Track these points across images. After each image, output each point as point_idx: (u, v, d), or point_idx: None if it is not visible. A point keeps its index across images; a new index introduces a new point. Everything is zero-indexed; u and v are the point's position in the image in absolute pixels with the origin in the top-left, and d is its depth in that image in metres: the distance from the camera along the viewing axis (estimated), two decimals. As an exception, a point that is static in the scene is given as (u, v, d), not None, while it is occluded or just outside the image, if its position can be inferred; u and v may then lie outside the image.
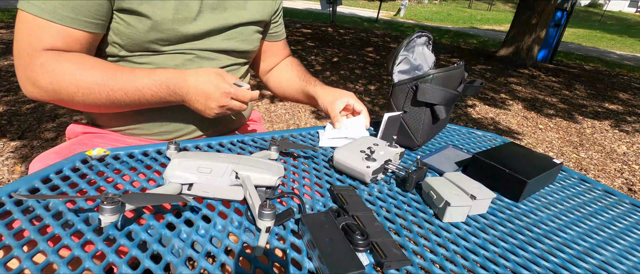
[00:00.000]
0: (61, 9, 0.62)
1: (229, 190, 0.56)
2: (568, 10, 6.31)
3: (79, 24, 0.64)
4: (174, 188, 0.53)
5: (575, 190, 0.81)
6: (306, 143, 0.83)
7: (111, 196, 0.44)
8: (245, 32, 0.84)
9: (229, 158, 0.59)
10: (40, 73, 0.63)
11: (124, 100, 0.68)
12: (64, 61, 0.64)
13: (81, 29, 0.65)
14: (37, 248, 0.42)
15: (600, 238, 0.63)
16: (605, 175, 2.54)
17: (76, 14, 0.63)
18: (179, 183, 0.54)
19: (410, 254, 0.50)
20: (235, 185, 0.56)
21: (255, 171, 0.56)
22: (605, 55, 9.37)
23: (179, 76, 0.69)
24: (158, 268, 0.42)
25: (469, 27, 13.75)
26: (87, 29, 0.66)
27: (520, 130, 3.24)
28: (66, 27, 0.63)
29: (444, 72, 0.82)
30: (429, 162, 0.80)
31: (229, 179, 0.56)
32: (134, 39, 0.70)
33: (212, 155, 0.60)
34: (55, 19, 0.62)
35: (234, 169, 0.56)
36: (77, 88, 0.65)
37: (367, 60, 5.41)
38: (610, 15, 27.71)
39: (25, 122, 2.23)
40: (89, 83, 0.65)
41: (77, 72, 0.64)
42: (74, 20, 0.63)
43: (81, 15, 0.64)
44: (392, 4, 21.06)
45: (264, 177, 0.56)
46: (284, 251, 0.48)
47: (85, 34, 0.66)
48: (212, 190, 0.55)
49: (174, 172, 0.54)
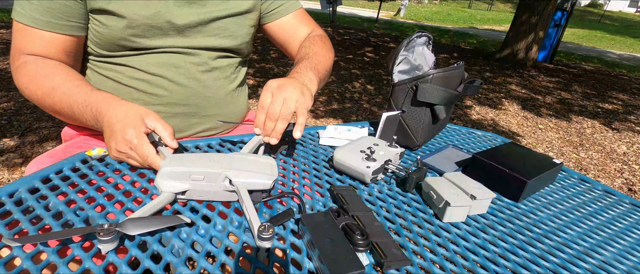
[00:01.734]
0: (36, 12, 0.63)
1: (223, 195, 0.55)
2: (568, 10, 6.30)
3: (54, 27, 0.65)
4: (168, 198, 0.52)
5: (575, 190, 0.81)
6: (306, 143, 0.83)
7: (107, 227, 0.43)
8: (230, 26, 0.79)
9: (221, 161, 0.57)
10: (16, 74, 0.67)
11: (64, 112, 0.67)
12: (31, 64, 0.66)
13: (56, 32, 0.66)
14: (37, 248, 0.42)
15: (600, 238, 0.63)
16: (605, 175, 2.54)
17: (50, 17, 0.64)
18: (172, 192, 0.52)
19: (410, 254, 0.50)
20: (229, 191, 0.55)
21: (249, 175, 0.54)
22: (605, 55, 9.37)
23: (106, 104, 0.62)
24: (158, 268, 0.42)
25: (468, 27, 13.75)
26: (63, 31, 0.66)
27: (520, 130, 3.24)
28: (42, 30, 0.65)
29: (443, 72, 0.82)
30: (429, 162, 0.80)
31: (223, 185, 0.54)
32: (111, 39, 0.69)
33: (203, 157, 0.58)
34: (32, 23, 0.64)
35: (227, 175, 0.54)
36: (30, 92, 0.67)
37: (367, 60, 5.41)
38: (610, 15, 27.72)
39: (25, 121, 2.23)
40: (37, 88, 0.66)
41: (36, 77, 0.66)
42: (48, 23, 0.65)
43: (54, 18, 0.64)
44: (392, 4, 21.06)
45: (258, 182, 0.54)
46: (284, 251, 0.48)
47: (63, 37, 0.67)
48: (206, 195, 0.54)
49: (166, 181, 0.52)
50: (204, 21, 0.75)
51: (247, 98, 0.95)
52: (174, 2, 0.71)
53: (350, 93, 3.68)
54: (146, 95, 0.75)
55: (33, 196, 0.51)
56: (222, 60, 0.81)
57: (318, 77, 0.76)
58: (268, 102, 0.62)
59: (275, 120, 0.61)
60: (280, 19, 0.90)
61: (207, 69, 0.79)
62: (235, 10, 0.79)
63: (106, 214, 0.50)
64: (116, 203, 0.52)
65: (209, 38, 0.77)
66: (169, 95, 0.76)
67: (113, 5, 0.66)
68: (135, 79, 0.74)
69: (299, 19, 0.92)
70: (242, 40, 0.83)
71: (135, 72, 0.74)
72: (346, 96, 3.59)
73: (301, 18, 0.93)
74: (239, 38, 0.82)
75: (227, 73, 0.83)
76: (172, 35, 0.73)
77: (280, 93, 0.62)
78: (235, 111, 0.89)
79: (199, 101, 0.80)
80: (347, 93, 3.69)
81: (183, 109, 0.79)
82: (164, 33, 0.72)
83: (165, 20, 0.71)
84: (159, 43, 0.72)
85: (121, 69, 0.73)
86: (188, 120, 0.81)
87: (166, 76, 0.75)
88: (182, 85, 0.77)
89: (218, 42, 0.79)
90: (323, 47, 0.87)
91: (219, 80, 0.82)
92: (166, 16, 0.71)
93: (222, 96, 0.83)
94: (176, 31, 0.73)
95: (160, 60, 0.74)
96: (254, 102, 3.07)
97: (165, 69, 0.75)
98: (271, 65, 4.47)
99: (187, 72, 0.77)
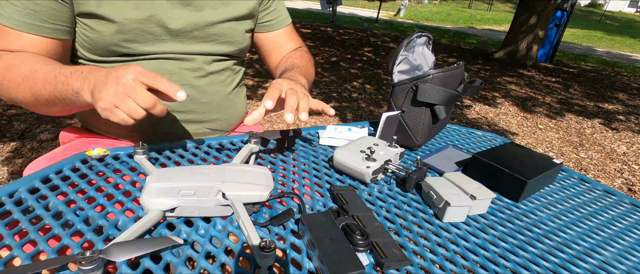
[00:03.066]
0: (18, 14, 0.60)
1: (216, 210, 0.51)
2: (568, 10, 6.31)
3: (36, 29, 0.62)
4: (156, 217, 0.47)
5: (575, 190, 0.81)
6: (306, 143, 0.83)
7: (89, 255, 0.38)
8: (227, 32, 0.77)
9: (212, 174, 0.52)
10: None
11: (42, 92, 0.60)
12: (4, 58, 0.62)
13: (38, 35, 0.63)
14: (37, 248, 0.42)
15: (600, 238, 0.63)
16: (605, 175, 2.54)
17: (32, 19, 0.61)
18: (161, 210, 0.48)
19: (410, 254, 0.50)
20: (223, 205, 0.51)
21: (243, 188, 0.51)
22: (605, 55, 9.38)
23: (94, 68, 0.56)
24: (158, 268, 0.42)
25: (468, 27, 13.76)
26: (46, 34, 0.63)
27: (520, 130, 3.24)
28: (23, 32, 0.62)
29: (443, 72, 0.82)
30: (429, 162, 0.80)
31: (215, 199, 0.50)
32: (101, 44, 0.67)
33: (192, 170, 0.53)
34: (12, 24, 0.61)
35: (220, 189, 0.50)
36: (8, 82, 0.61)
37: (366, 60, 5.41)
38: (610, 15, 27.72)
39: (25, 121, 2.23)
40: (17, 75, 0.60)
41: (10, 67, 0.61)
42: (31, 25, 0.61)
43: (37, 20, 0.62)
44: (392, 4, 21.06)
45: (252, 194, 0.51)
46: (284, 251, 0.48)
47: (46, 40, 0.64)
48: (198, 211, 0.50)
49: (152, 199, 0.48)
50: (199, 26, 0.73)
51: (246, 99, 0.95)
52: (168, 3, 0.68)
53: (349, 93, 3.68)
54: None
55: (33, 196, 0.51)
56: (218, 64, 0.80)
57: (308, 85, 0.79)
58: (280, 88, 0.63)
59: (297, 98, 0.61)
60: (272, 31, 0.91)
61: (202, 75, 0.77)
62: (232, 15, 0.77)
63: (106, 214, 0.49)
64: (116, 203, 0.52)
65: (204, 44, 0.75)
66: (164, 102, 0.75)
67: (103, 10, 0.63)
68: None
69: (287, 34, 0.94)
70: (239, 45, 0.81)
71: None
72: (346, 96, 3.59)
73: (290, 34, 0.95)
74: (236, 43, 0.80)
75: (223, 76, 0.82)
76: (166, 41, 0.71)
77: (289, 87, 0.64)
78: (234, 114, 0.88)
79: (196, 107, 0.78)
80: (347, 93, 3.69)
81: (179, 116, 0.78)
82: (157, 38, 0.69)
83: (159, 24, 0.68)
84: (152, 49, 0.70)
85: None
86: (185, 126, 0.80)
87: None
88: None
89: (214, 47, 0.77)
90: (309, 62, 0.91)
91: (215, 84, 0.80)
92: (159, 20, 0.68)
93: (219, 100, 0.82)
94: (170, 36, 0.70)
95: (153, 67, 0.71)
96: (253, 103, 3.07)
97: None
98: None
99: (182, 78, 0.74)
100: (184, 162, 0.67)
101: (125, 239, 0.43)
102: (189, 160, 0.67)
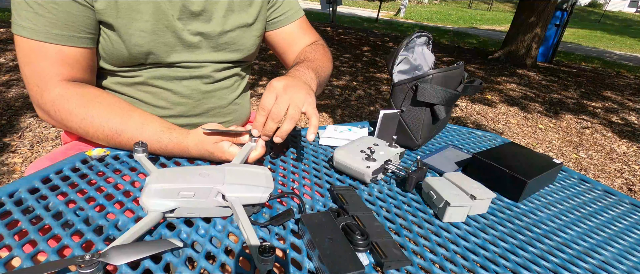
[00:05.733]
0: (52, 28, 0.58)
1: (216, 211, 0.51)
2: (568, 10, 6.30)
3: (74, 41, 0.61)
4: (155, 218, 0.47)
5: (575, 190, 0.81)
6: (306, 143, 0.83)
7: (88, 259, 0.38)
8: (237, 40, 0.77)
9: (212, 174, 0.52)
10: (51, 110, 0.62)
11: (129, 143, 0.64)
12: (73, 102, 0.62)
13: (76, 46, 0.62)
14: (37, 248, 0.42)
15: (600, 238, 0.63)
16: (605, 175, 2.54)
17: (69, 30, 0.60)
18: (160, 211, 0.48)
19: (410, 254, 0.50)
20: (223, 207, 0.51)
21: (243, 190, 0.51)
22: (605, 55, 9.37)
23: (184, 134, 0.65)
24: (158, 268, 0.42)
25: (468, 27, 13.76)
26: (82, 44, 0.62)
27: (520, 130, 3.24)
28: (61, 45, 0.60)
29: (443, 72, 0.82)
30: (429, 162, 0.80)
31: (215, 200, 0.50)
32: (117, 56, 0.67)
33: (192, 171, 0.53)
34: (49, 39, 0.59)
35: (220, 190, 0.50)
36: (86, 132, 0.64)
37: (366, 60, 5.41)
38: (610, 15, 27.71)
39: (25, 121, 2.23)
40: (97, 128, 0.63)
41: (88, 118, 0.63)
42: (69, 37, 0.60)
43: (74, 31, 0.60)
44: (392, 4, 21.06)
45: (252, 196, 0.51)
46: (284, 251, 0.48)
47: (82, 50, 0.63)
48: (198, 212, 0.51)
49: (152, 200, 0.48)
50: (209, 36, 0.73)
51: (250, 102, 0.95)
52: (179, 18, 0.68)
53: (349, 93, 3.68)
54: (148, 106, 0.74)
55: (33, 196, 0.51)
56: (226, 72, 0.80)
57: (318, 80, 0.75)
58: (270, 103, 0.60)
59: (278, 122, 0.60)
60: (282, 27, 0.88)
61: (210, 82, 0.78)
62: (241, 23, 0.77)
63: (106, 214, 0.50)
64: (116, 203, 0.52)
65: (216, 53, 0.76)
66: (171, 108, 0.76)
67: (120, 22, 0.63)
68: (139, 91, 0.73)
69: (300, 29, 0.90)
70: (248, 52, 0.81)
71: (140, 84, 0.72)
72: (345, 96, 3.59)
73: (303, 27, 0.90)
74: (245, 50, 0.80)
75: (230, 83, 0.82)
76: (179, 51, 0.71)
77: (285, 94, 0.61)
78: (239, 117, 0.89)
79: (203, 112, 0.80)
80: (346, 92, 3.69)
81: (186, 120, 0.79)
82: (171, 49, 0.70)
83: (172, 36, 0.69)
84: (164, 59, 0.70)
85: (124, 81, 0.72)
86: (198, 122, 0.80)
87: (170, 89, 0.74)
88: (185, 98, 0.76)
89: (224, 56, 0.77)
90: (324, 55, 0.87)
91: (222, 90, 0.81)
92: (172, 33, 0.68)
93: (226, 105, 0.83)
94: (183, 46, 0.71)
95: (164, 74, 0.72)
96: (255, 102, 3.07)
97: (169, 82, 0.73)
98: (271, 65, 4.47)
99: (191, 84, 0.75)
100: (184, 162, 0.67)
101: (124, 240, 0.43)
102: (188, 160, 0.67)
